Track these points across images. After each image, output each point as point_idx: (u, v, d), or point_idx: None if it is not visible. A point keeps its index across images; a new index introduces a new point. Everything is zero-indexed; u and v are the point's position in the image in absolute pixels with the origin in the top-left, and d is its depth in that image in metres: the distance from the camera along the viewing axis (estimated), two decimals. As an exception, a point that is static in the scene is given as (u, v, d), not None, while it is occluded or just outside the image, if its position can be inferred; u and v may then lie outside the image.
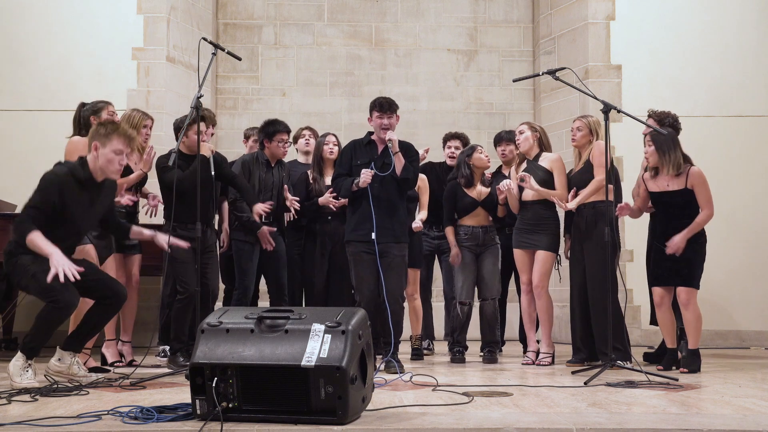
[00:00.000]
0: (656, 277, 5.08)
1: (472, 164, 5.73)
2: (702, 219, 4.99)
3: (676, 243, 4.93)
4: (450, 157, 6.29)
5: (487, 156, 5.79)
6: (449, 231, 5.77)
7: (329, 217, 5.69)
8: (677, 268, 4.98)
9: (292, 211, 5.59)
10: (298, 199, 5.59)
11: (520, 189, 5.54)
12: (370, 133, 5.13)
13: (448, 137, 6.41)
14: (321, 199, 5.58)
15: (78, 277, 3.80)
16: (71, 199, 3.99)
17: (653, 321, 5.60)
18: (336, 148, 5.75)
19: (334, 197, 5.45)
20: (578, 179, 5.34)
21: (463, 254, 5.69)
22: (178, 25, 7.65)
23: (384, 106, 4.98)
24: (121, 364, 5.22)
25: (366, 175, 4.83)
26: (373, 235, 4.84)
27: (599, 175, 5.13)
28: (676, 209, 5.01)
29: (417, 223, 5.69)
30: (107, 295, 4.14)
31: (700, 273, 5.04)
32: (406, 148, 5.05)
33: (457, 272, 5.73)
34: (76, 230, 4.14)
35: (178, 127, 5.19)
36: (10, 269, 4.05)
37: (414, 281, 5.86)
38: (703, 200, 4.98)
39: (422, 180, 5.91)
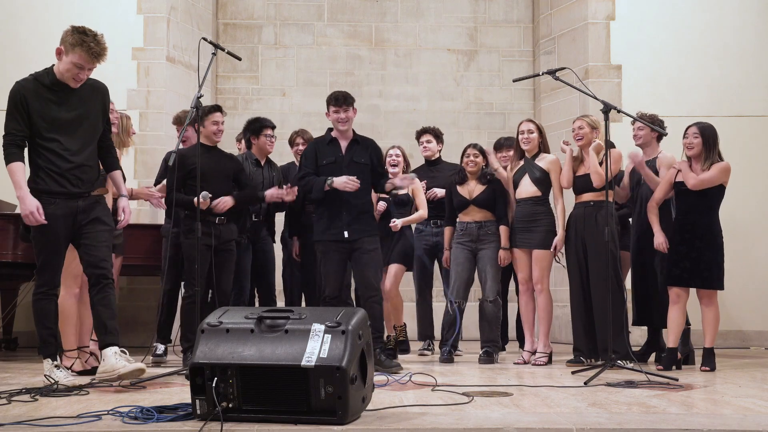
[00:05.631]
0: (674, 277, 5.07)
1: (463, 165, 5.78)
2: (695, 176, 4.99)
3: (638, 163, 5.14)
4: (424, 150, 6.31)
5: (473, 159, 5.73)
6: (447, 231, 5.85)
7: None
8: (698, 270, 5.00)
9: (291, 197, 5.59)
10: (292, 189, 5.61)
11: (515, 186, 5.60)
12: (330, 130, 5.16)
13: (419, 133, 6.41)
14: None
15: (43, 221, 3.84)
16: (42, 106, 3.92)
17: (635, 321, 5.64)
18: None
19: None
20: (584, 183, 5.35)
21: (458, 252, 5.68)
22: (178, 25, 7.65)
23: (339, 100, 5.06)
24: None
25: (353, 184, 4.88)
26: (346, 234, 4.95)
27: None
28: (697, 199, 5.03)
29: (394, 222, 5.75)
30: (90, 268, 4.10)
31: (722, 273, 5.06)
32: (371, 146, 5.19)
33: (452, 270, 5.73)
34: (74, 145, 3.99)
35: (194, 119, 5.18)
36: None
37: (395, 277, 5.85)
38: (704, 175, 5.00)
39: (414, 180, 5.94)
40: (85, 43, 3.93)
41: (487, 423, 2.86)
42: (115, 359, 3.91)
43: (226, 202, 5.09)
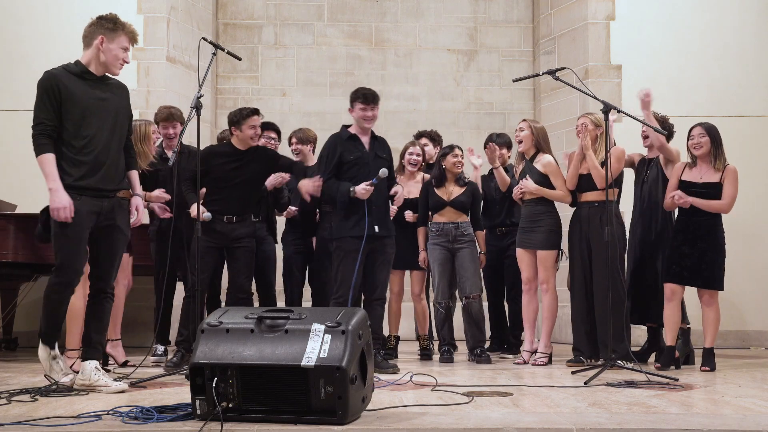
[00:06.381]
0: (674, 275, 5.08)
1: (444, 165, 5.76)
2: (718, 205, 5.05)
3: (684, 199, 5.02)
4: (417, 154, 6.26)
5: (460, 160, 5.74)
6: (420, 232, 5.83)
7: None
8: (699, 270, 5.02)
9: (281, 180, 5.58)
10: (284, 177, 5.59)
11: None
12: (346, 127, 5.12)
13: (417, 136, 6.42)
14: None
15: (69, 220, 3.72)
16: (75, 92, 3.81)
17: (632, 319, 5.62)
18: None
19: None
20: (587, 182, 5.34)
21: (436, 252, 5.69)
22: (178, 25, 7.65)
23: (368, 98, 5.00)
24: (131, 363, 5.20)
25: (368, 191, 4.84)
26: (376, 229, 4.90)
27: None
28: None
29: (408, 213, 5.78)
30: (93, 274, 3.99)
31: (723, 273, 5.09)
32: (385, 144, 5.19)
33: (434, 271, 5.73)
34: (105, 139, 3.86)
35: (232, 121, 5.17)
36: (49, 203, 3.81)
37: (421, 281, 5.89)
38: (726, 193, 5.05)
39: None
40: (124, 26, 3.97)
41: (487, 423, 2.86)
42: (95, 374, 3.80)
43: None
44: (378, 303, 4.98)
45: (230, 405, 2.84)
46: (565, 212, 5.70)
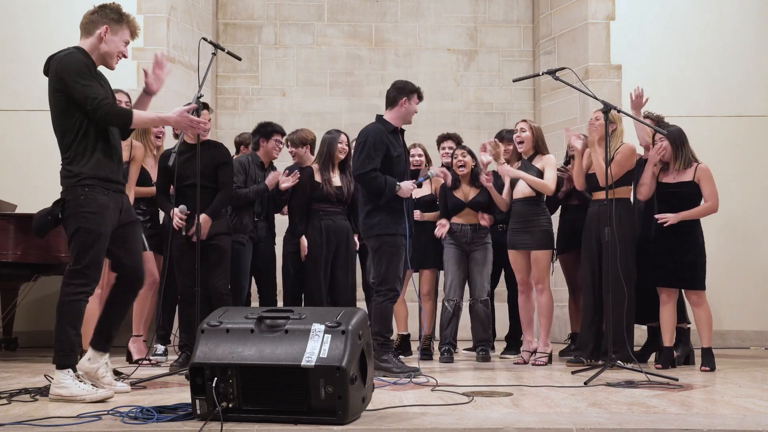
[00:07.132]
0: (661, 278, 5.11)
1: (453, 167, 5.78)
2: (704, 209, 5.10)
3: (670, 217, 5.03)
4: (444, 156, 6.30)
5: (460, 158, 5.76)
6: (443, 223, 5.80)
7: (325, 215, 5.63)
8: (681, 271, 5.05)
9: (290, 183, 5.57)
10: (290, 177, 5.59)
11: (512, 186, 5.57)
12: (380, 117, 5.04)
13: (441, 138, 6.43)
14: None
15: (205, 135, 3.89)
16: (96, 81, 3.62)
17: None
18: (347, 148, 5.63)
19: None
20: (597, 181, 5.32)
21: (452, 252, 5.73)
22: (178, 25, 7.65)
23: (423, 96, 5.15)
24: (147, 362, 5.18)
25: (414, 190, 4.85)
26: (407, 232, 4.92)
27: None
28: (679, 202, 5.08)
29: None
30: (129, 274, 3.77)
31: (704, 273, 5.12)
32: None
33: (447, 270, 5.75)
34: (112, 132, 3.72)
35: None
36: (68, 197, 3.56)
37: (431, 281, 5.93)
38: (708, 194, 5.10)
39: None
40: (128, 19, 3.76)
41: (487, 423, 2.86)
42: (104, 370, 3.72)
43: (204, 227, 4.86)
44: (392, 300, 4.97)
45: (230, 405, 2.84)
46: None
